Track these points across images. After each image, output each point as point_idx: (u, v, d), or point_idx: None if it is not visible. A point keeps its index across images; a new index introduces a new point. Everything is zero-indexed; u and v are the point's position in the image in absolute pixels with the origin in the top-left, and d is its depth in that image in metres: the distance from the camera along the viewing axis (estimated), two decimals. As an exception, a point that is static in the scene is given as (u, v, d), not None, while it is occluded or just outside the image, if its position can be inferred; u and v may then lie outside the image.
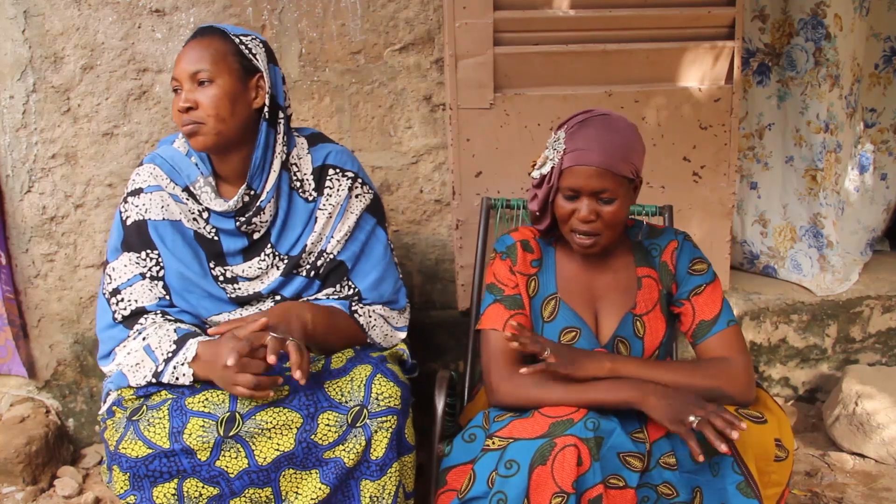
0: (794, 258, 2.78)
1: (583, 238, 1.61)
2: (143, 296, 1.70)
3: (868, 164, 2.88)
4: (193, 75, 1.63)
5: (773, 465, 1.50)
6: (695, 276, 1.71)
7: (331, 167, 1.79)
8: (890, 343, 2.74)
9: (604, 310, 1.70)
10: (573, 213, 1.59)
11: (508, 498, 1.41)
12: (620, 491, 1.47)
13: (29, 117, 2.28)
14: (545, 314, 1.70)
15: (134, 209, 1.73)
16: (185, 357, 1.59)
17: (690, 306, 1.70)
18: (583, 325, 1.68)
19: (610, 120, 1.60)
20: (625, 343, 1.68)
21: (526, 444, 1.45)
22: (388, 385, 1.59)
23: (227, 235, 1.75)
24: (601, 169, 1.54)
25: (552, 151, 1.61)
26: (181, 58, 1.65)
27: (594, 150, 1.55)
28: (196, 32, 1.69)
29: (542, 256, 1.74)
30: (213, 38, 1.66)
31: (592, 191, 1.56)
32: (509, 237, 1.76)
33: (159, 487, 1.50)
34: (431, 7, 2.34)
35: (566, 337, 1.68)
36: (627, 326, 1.68)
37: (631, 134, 1.61)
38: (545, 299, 1.71)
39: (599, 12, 2.28)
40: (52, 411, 2.45)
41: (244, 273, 1.75)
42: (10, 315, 2.36)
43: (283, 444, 1.54)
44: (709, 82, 2.39)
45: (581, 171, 1.56)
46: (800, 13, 2.56)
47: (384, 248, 1.84)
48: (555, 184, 1.60)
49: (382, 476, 1.57)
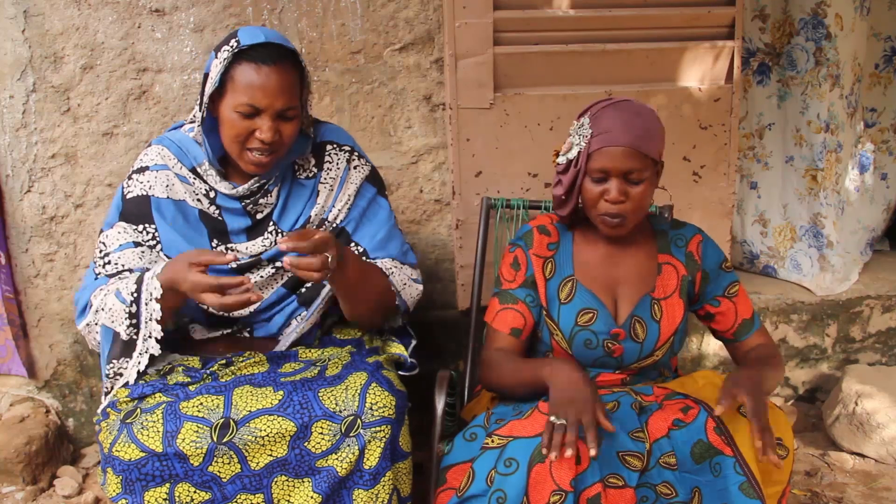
0: (794, 258, 2.78)
1: (612, 219, 1.63)
2: (132, 261, 1.72)
3: (868, 164, 2.88)
4: (283, 112, 1.65)
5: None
6: (727, 273, 1.78)
7: (328, 143, 1.85)
8: (890, 343, 2.74)
9: (622, 292, 1.73)
10: (602, 195, 1.62)
11: (508, 496, 1.41)
12: (619, 490, 1.47)
13: (29, 117, 2.28)
14: (562, 296, 1.72)
15: (137, 185, 1.75)
16: (154, 272, 1.61)
17: (732, 305, 1.77)
18: (600, 305, 1.70)
19: (632, 104, 1.64)
20: (641, 323, 1.70)
21: (525, 443, 1.45)
22: (383, 394, 1.58)
23: (232, 215, 1.78)
24: (630, 149, 1.58)
25: (577, 137, 1.64)
26: (264, 86, 1.60)
27: (621, 131, 1.58)
28: (272, 52, 1.62)
29: (560, 240, 1.77)
30: (291, 67, 1.65)
31: (621, 171, 1.59)
32: (528, 224, 1.80)
33: (151, 491, 1.50)
34: (431, 7, 2.34)
35: (583, 318, 1.70)
36: (645, 308, 1.71)
37: (653, 117, 1.65)
38: (562, 281, 1.73)
39: (599, 12, 2.28)
40: (52, 411, 2.45)
41: (247, 250, 1.78)
42: (10, 315, 2.36)
43: (277, 450, 1.54)
44: (709, 82, 2.39)
45: (610, 151, 1.59)
46: (800, 13, 2.56)
47: (387, 213, 1.89)
48: (582, 167, 1.63)
49: (375, 485, 1.56)
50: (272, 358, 1.70)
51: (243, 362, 1.68)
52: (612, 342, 1.69)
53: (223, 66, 1.62)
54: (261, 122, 1.63)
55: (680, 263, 1.75)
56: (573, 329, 1.69)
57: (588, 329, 1.69)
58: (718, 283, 1.77)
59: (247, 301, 1.52)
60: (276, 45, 1.64)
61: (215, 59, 1.65)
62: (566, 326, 1.70)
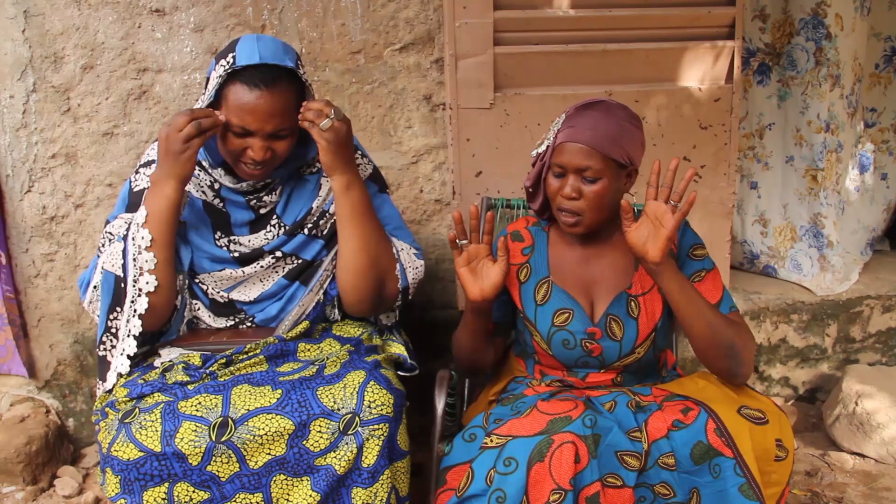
0: (795, 258, 2.78)
1: (567, 216, 1.64)
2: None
3: (868, 164, 2.88)
4: (273, 134, 1.65)
5: (773, 465, 1.50)
6: (694, 261, 1.71)
7: None
8: (890, 343, 2.74)
9: (598, 290, 1.72)
10: (559, 190, 1.63)
11: (507, 495, 1.41)
12: (618, 490, 1.47)
13: (29, 117, 2.28)
14: (538, 297, 1.72)
15: (144, 178, 1.77)
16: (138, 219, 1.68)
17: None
18: (575, 305, 1.70)
19: (609, 105, 1.64)
20: (617, 321, 1.68)
21: (524, 442, 1.45)
22: (381, 393, 1.58)
23: (236, 208, 1.80)
24: (587, 147, 1.58)
25: (551, 132, 1.66)
26: (254, 110, 1.60)
27: (585, 128, 1.59)
28: (266, 75, 1.60)
29: (534, 242, 1.77)
30: (287, 87, 1.64)
31: (577, 168, 1.60)
32: (504, 230, 1.80)
33: (150, 491, 1.50)
34: (431, 7, 2.34)
35: (559, 319, 1.70)
36: (621, 305, 1.69)
37: (628, 121, 1.63)
38: (538, 283, 1.73)
39: (599, 12, 2.28)
40: (52, 411, 2.45)
41: (250, 243, 1.79)
42: (11, 315, 2.36)
43: (275, 449, 1.54)
44: (709, 82, 2.39)
45: (569, 147, 1.60)
46: (800, 13, 2.56)
47: (392, 209, 1.91)
48: (546, 161, 1.65)
49: (374, 483, 1.56)
50: (271, 357, 1.71)
51: (243, 362, 1.69)
52: (589, 341, 1.68)
53: (217, 83, 1.63)
54: (252, 142, 1.65)
55: None
56: (550, 330, 1.69)
57: (565, 329, 1.69)
58: (685, 270, 1.69)
59: (217, 118, 1.61)
60: (272, 66, 1.62)
61: (213, 72, 1.66)
62: (543, 328, 1.70)
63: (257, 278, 1.82)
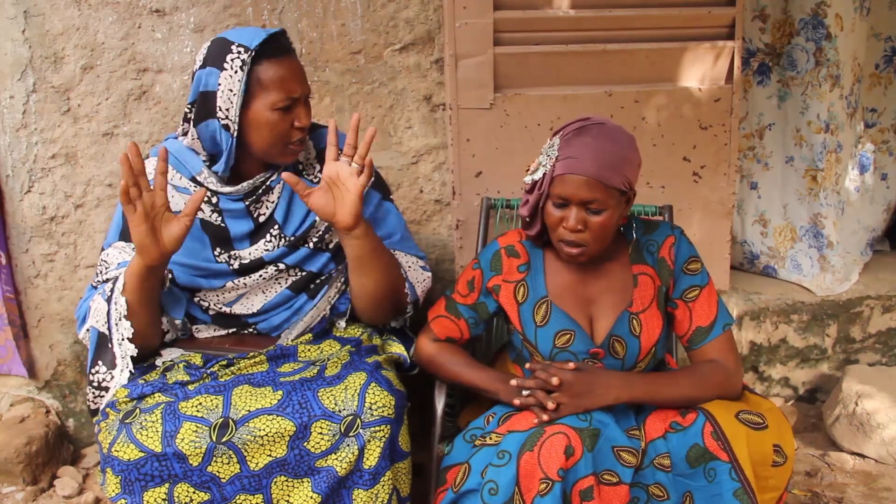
0: (795, 258, 2.78)
1: (570, 248, 1.59)
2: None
3: (868, 164, 2.88)
4: (308, 97, 1.71)
5: (770, 471, 1.49)
6: (688, 276, 1.68)
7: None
8: (890, 343, 2.74)
9: (599, 310, 1.68)
10: (562, 220, 1.57)
11: (499, 486, 1.41)
12: (613, 487, 1.47)
13: (29, 117, 2.28)
14: (537, 318, 1.68)
15: None
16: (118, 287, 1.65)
17: (687, 310, 1.67)
18: (576, 326, 1.66)
19: (606, 129, 1.57)
20: (620, 342, 1.65)
21: (519, 436, 1.47)
22: (383, 394, 1.58)
23: (234, 219, 1.77)
24: (592, 179, 1.52)
25: (545, 157, 1.59)
26: (294, 76, 1.67)
27: (586, 159, 1.52)
28: (276, 44, 1.66)
29: (530, 259, 1.71)
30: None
31: (581, 200, 1.54)
32: (496, 243, 1.75)
33: (150, 492, 1.50)
34: (431, 7, 2.34)
35: (560, 340, 1.66)
36: (623, 325, 1.66)
37: (626, 145, 1.57)
38: (536, 303, 1.68)
39: (599, 12, 2.28)
40: (52, 411, 2.45)
41: (250, 255, 1.78)
42: (11, 315, 2.36)
43: (276, 450, 1.54)
44: (709, 82, 2.39)
45: (571, 179, 1.53)
46: (800, 13, 2.56)
47: (397, 217, 1.91)
48: (545, 190, 1.57)
49: (375, 485, 1.56)
50: (272, 357, 1.71)
51: (244, 363, 1.69)
52: (592, 361, 1.66)
53: (244, 73, 1.62)
54: (298, 110, 1.69)
55: (654, 272, 1.68)
56: (552, 351, 1.66)
57: (567, 350, 1.66)
58: (678, 286, 1.68)
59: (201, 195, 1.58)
60: (274, 35, 1.67)
61: (224, 72, 1.63)
62: (545, 349, 1.67)
63: (259, 289, 1.80)
